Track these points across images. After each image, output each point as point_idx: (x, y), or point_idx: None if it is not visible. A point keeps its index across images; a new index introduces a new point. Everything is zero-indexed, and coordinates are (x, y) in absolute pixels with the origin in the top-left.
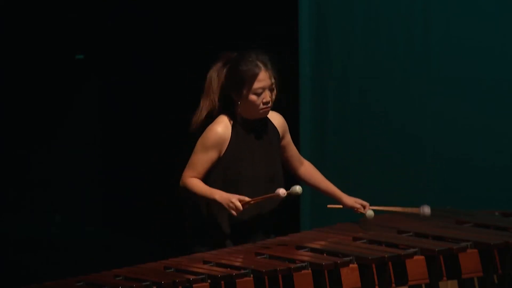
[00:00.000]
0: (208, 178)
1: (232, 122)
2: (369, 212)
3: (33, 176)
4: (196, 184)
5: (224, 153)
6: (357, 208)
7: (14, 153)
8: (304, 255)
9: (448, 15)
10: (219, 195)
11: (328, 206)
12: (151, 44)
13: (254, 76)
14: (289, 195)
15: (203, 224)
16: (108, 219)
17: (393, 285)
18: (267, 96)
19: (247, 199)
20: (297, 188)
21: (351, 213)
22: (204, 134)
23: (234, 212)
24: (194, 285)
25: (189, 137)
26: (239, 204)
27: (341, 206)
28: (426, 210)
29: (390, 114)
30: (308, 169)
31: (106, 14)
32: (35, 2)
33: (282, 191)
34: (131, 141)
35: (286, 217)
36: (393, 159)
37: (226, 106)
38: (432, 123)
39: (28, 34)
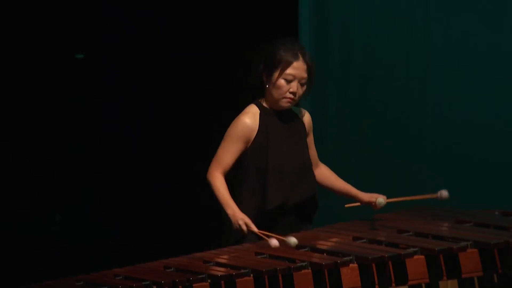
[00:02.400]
0: (239, 169)
1: (260, 111)
2: (379, 200)
3: (33, 175)
4: (218, 187)
5: (251, 143)
6: (374, 203)
7: (14, 153)
8: (304, 255)
9: (448, 14)
10: (231, 211)
11: (346, 205)
12: (151, 44)
13: (290, 62)
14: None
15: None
16: (108, 219)
17: (393, 284)
18: (295, 87)
19: (252, 225)
20: (291, 241)
21: (351, 213)
22: (232, 125)
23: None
24: (194, 285)
25: (189, 137)
26: (244, 229)
27: (358, 204)
28: (444, 194)
29: (390, 114)
30: (323, 171)
31: (106, 14)
32: (35, 2)
33: (274, 243)
34: (131, 141)
35: (316, 211)
36: (393, 158)
37: (256, 94)
38: (432, 122)
39: (28, 33)
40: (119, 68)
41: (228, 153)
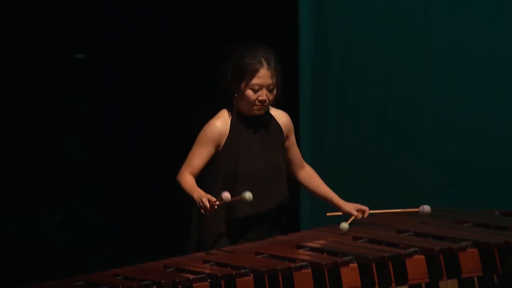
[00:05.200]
0: (209, 173)
1: (232, 116)
2: (343, 225)
3: (32, 175)
4: (185, 181)
5: (222, 148)
6: (356, 216)
7: (13, 153)
8: (304, 255)
9: (448, 14)
10: (197, 193)
11: (328, 214)
12: (151, 44)
13: (254, 72)
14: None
15: (200, 222)
16: (108, 219)
17: (393, 284)
18: (263, 95)
19: (213, 199)
20: (246, 195)
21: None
22: (203, 129)
23: (203, 211)
24: (194, 285)
25: (189, 137)
26: (207, 204)
27: (340, 213)
28: (426, 208)
29: (390, 114)
30: (308, 174)
31: (106, 14)
32: (35, 2)
33: (226, 195)
34: (131, 141)
35: (286, 217)
36: (393, 158)
37: (228, 100)
38: (432, 122)
39: (28, 33)
40: (119, 68)
41: (197, 156)
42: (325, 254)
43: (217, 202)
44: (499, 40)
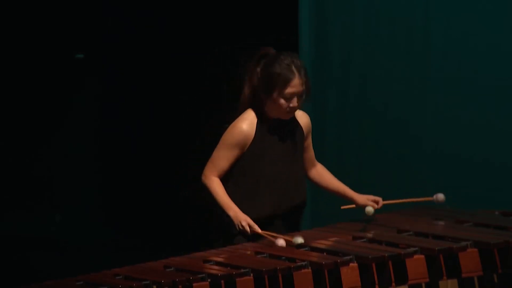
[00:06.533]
0: (229, 172)
1: (258, 118)
2: (368, 209)
3: (32, 175)
4: (216, 189)
5: (246, 150)
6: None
7: (14, 153)
8: (304, 254)
9: (448, 14)
10: (233, 213)
11: (342, 207)
12: (151, 44)
13: (287, 81)
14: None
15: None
16: (108, 219)
17: (393, 284)
18: (295, 102)
19: (255, 226)
20: (298, 240)
21: (351, 212)
22: (228, 130)
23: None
24: (194, 285)
25: (189, 137)
26: (247, 229)
27: (354, 206)
28: (440, 197)
29: (390, 114)
30: (319, 171)
31: (106, 14)
32: (35, 2)
33: (281, 243)
34: (131, 141)
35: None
36: (393, 158)
37: (254, 101)
38: (432, 122)
39: (28, 33)
40: (119, 68)
41: (223, 158)
42: (325, 254)
43: (258, 230)
44: (499, 40)
